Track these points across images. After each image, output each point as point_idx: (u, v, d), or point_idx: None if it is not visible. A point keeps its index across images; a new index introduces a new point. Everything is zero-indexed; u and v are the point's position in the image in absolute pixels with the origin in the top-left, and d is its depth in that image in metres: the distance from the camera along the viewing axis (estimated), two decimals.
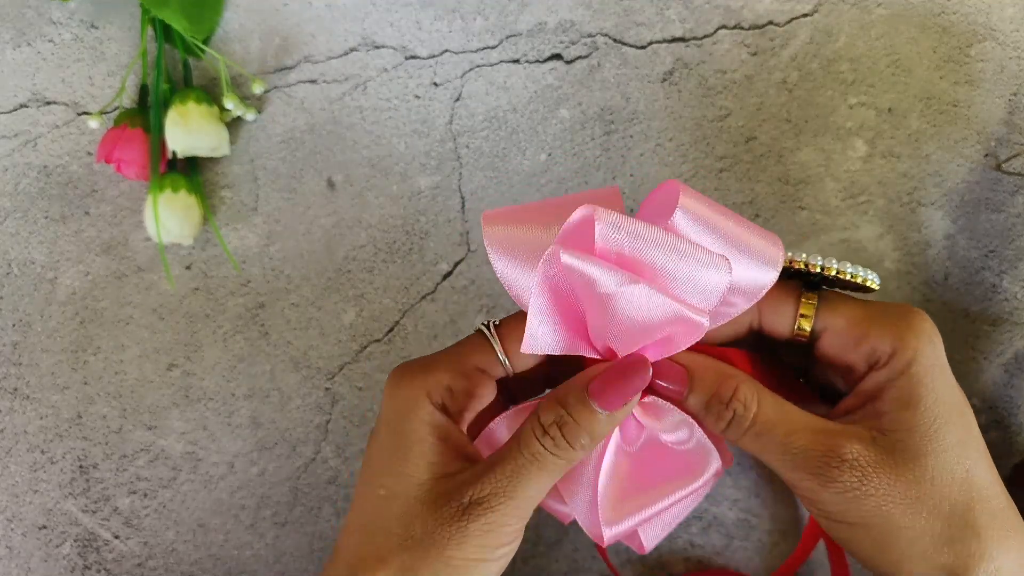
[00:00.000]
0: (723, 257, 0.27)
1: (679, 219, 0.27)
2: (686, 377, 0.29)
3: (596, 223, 0.26)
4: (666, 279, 0.27)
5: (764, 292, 0.29)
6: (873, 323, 0.29)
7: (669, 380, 0.29)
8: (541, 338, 0.29)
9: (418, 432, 0.30)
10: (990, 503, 0.28)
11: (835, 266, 0.30)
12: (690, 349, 0.30)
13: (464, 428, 0.32)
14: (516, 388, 0.33)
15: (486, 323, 0.32)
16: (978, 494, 0.28)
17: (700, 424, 0.30)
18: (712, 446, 0.31)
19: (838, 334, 0.30)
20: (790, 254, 0.31)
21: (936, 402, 0.28)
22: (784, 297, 0.31)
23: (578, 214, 0.26)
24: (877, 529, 0.27)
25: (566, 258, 0.26)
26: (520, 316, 0.31)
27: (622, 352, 0.29)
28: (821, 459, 0.28)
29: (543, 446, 0.28)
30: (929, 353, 0.29)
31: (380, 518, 0.29)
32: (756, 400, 0.29)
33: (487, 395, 0.32)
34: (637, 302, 0.26)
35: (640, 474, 0.32)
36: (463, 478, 0.29)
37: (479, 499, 0.28)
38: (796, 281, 0.32)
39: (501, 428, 0.32)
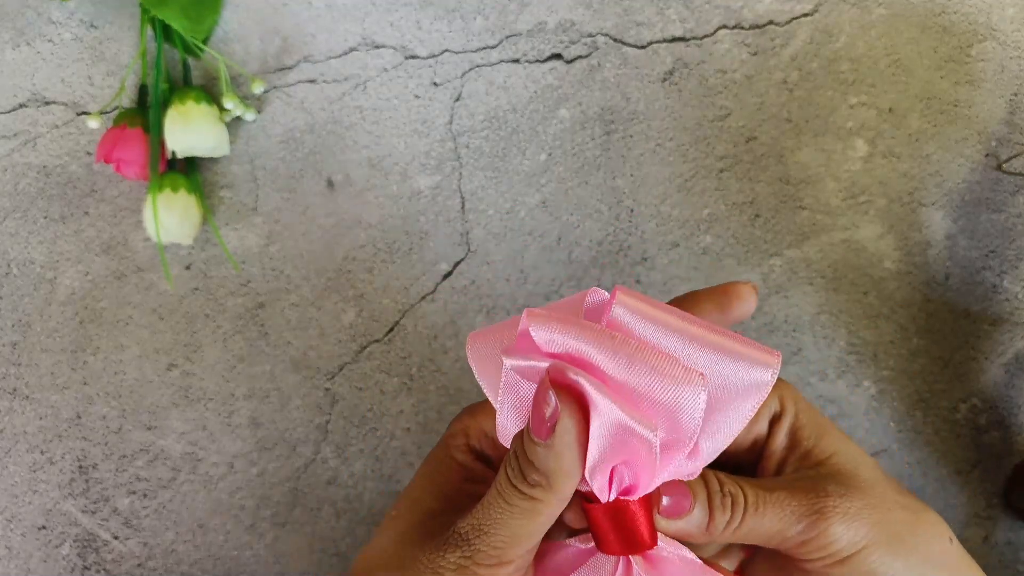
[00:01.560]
0: (694, 371, 0.24)
1: (618, 313, 0.25)
2: (687, 486, 0.29)
3: (530, 331, 0.24)
4: (620, 389, 0.24)
5: (758, 403, 0.26)
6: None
7: (678, 495, 0.29)
8: (512, 431, 0.28)
9: (449, 471, 0.31)
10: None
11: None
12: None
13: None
14: None
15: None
16: (893, 478, 0.31)
17: (700, 540, 0.30)
18: None
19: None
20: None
21: (828, 426, 0.31)
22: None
23: (522, 322, 0.25)
24: (880, 543, 0.29)
25: (508, 361, 0.25)
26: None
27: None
28: (811, 499, 0.29)
29: (508, 477, 0.28)
30: (798, 395, 0.32)
31: (384, 537, 0.31)
32: (735, 482, 0.30)
33: None
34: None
35: None
36: (461, 514, 0.29)
37: (456, 532, 0.28)
38: None
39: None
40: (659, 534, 0.28)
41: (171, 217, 0.45)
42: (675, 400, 0.24)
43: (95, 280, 0.48)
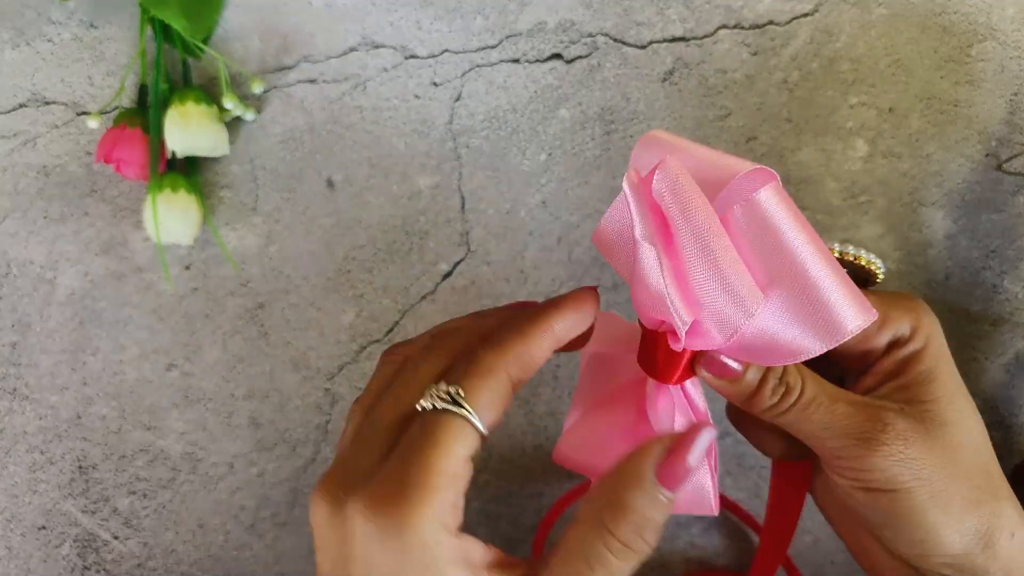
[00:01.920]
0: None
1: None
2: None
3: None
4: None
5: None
6: (891, 307, 0.31)
7: (725, 365, 0.29)
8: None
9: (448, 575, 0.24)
10: (997, 466, 0.32)
11: (838, 247, 0.31)
12: None
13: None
14: None
15: (448, 396, 0.25)
16: (990, 457, 0.31)
17: (745, 405, 0.30)
18: (711, 491, 0.31)
19: None
20: None
21: (950, 375, 0.31)
22: None
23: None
24: (916, 495, 0.29)
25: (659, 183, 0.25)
26: (485, 375, 0.26)
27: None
28: (867, 425, 0.29)
29: (621, 561, 0.25)
30: (939, 334, 0.32)
31: None
32: (801, 377, 0.30)
33: (470, 475, 0.26)
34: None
35: None
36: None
37: None
38: None
39: None
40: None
41: (171, 217, 0.45)
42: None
43: (95, 280, 0.48)
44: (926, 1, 0.48)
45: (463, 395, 0.25)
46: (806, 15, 0.48)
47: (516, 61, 0.48)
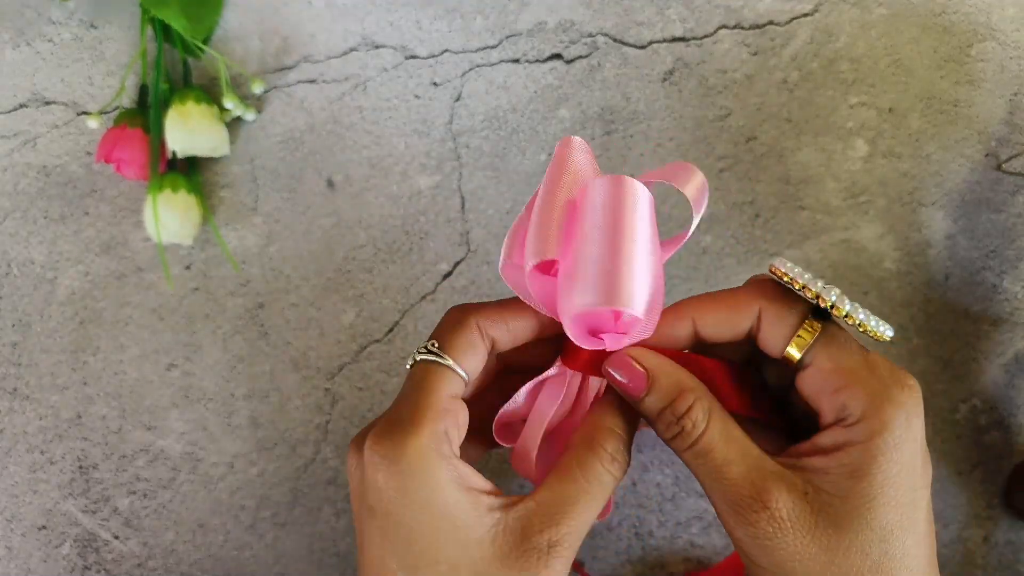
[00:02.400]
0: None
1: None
2: (646, 379, 0.30)
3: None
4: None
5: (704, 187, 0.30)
6: (856, 379, 0.28)
7: (630, 378, 0.30)
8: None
9: (449, 493, 0.28)
10: None
11: (847, 308, 0.29)
12: (670, 354, 0.31)
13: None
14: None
15: (425, 348, 0.30)
16: None
17: (650, 425, 0.31)
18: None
19: (820, 374, 0.29)
20: (807, 276, 0.30)
21: (882, 482, 0.27)
22: (787, 315, 0.30)
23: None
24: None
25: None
26: (458, 332, 0.30)
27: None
28: (746, 498, 0.28)
29: (612, 474, 0.29)
30: (898, 432, 0.28)
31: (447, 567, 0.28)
32: (707, 421, 0.29)
33: (465, 417, 0.31)
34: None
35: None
36: (529, 521, 0.28)
37: (557, 541, 0.28)
38: (807, 306, 0.31)
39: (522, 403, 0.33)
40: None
41: (171, 217, 0.45)
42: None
43: (95, 280, 0.48)
44: (926, 1, 0.48)
45: (437, 345, 0.30)
46: (806, 15, 0.48)
47: (516, 61, 0.48)
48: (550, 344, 0.32)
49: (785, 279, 0.30)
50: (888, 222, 0.47)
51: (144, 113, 0.47)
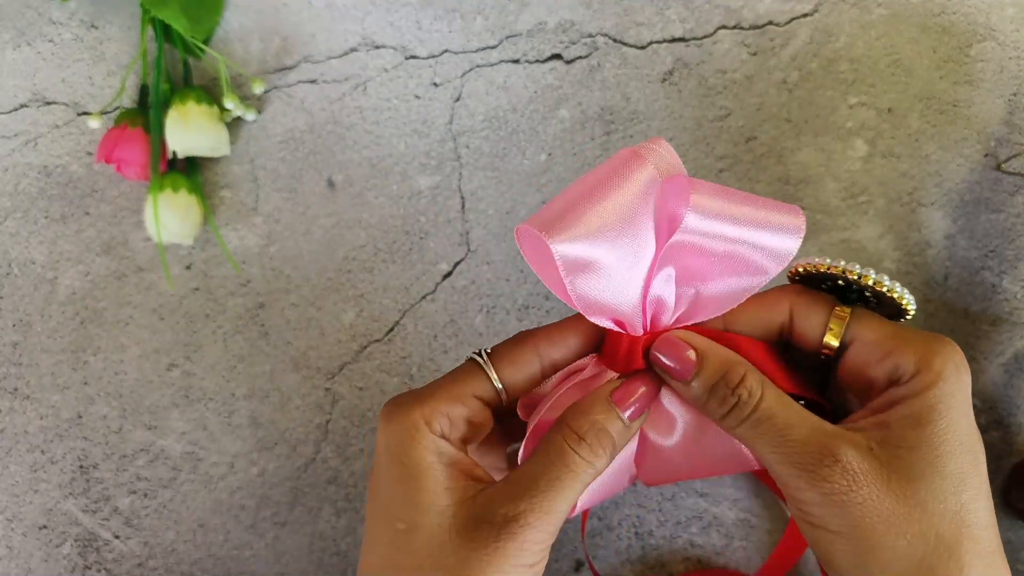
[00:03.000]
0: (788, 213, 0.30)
1: (691, 220, 0.28)
2: (693, 360, 0.30)
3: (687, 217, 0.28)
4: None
5: (791, 256, 0.29)
6: (902, 341, 0.29)
7: (679, 360, 0.29)
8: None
9: (425, 460, 0.29)
10: (980, 544, 0.27)
11: (874, 276, 0.30)
12: (712, 334, 0.31)
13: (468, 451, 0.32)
14: (508, 418, 0.33)
15: (478, 351, 0.32)
16: (968, 531, 0.27)
17: (700, 408, 0.30)
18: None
19: (866, 347, 0.30)
20: (829, 260, 0.31)
21: (945, 429, 0.27)
22: (817, 306, 0.31)
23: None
24: (857, 541, 0.27)
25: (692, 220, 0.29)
26: (511, 344, 0.32)
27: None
28: (815, 455, 0.27)
29: (579, 455, 0.29)
30: (952, 381, 0.28)
31: (405, 553, 0.28)
32: (761, 389, 0.29)
33: (486, 423, 0.31)
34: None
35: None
36: (491, 497, 0.29)
37: (513, 516, 0.28)
38: (832, 296, 0.32)
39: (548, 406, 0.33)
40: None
41: (171, 217, 0.46)
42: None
43: (95, 280, 0.48)
44: (925, 1, 0.48)
45: (488, 352, 0.32)
46: (805, 15, 0.48)
47: (516, 61, 0.48)
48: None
49: (810, 268, 0.31)
50: (887, 222, 0.47)
51: (145, 113, 0.47)
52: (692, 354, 0.30)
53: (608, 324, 0.30)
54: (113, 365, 0.48)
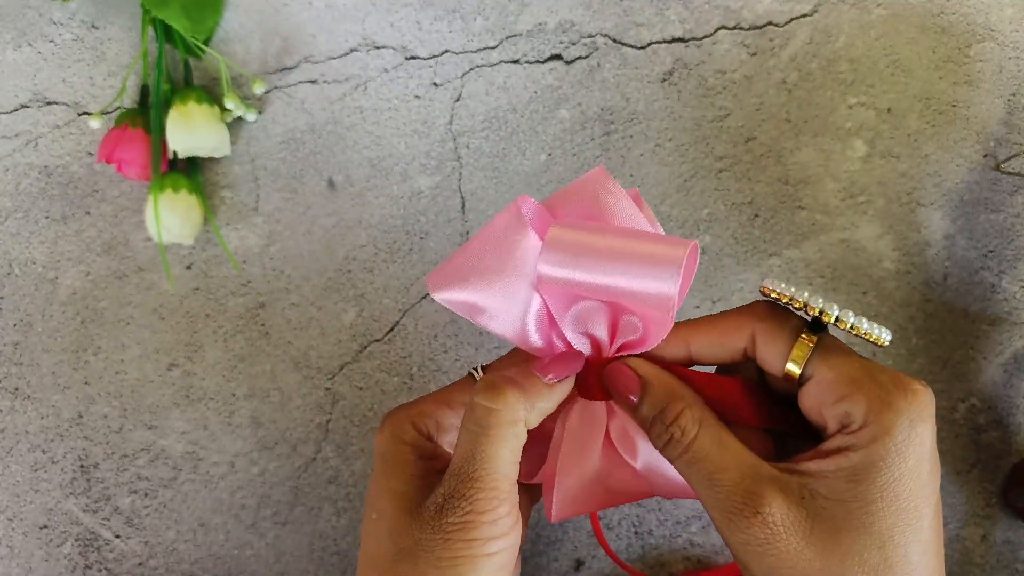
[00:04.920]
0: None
1: (547, 257, 0.29)
2: (639, 386, 0.30)
3: (539, 267, 0.30)
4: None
5: (668, 292, 0.28)
6: (858, 387, 0.28)
7: (623, 386, 0.30)
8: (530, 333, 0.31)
9: (402, 453, 0.31)
10: None
11: (835, 312, 0.29)
12: (682, 372, 0.31)
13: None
14: None
15: (474, 367, 0.34)
16: None
17: (648, 437, 0.31)
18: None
19: (820, 385, 0.29)
20: (792, 290, 0.30)
21: (883, 486, 0.26)
22: (780, 332, 0.30)
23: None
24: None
25: (544, 269, 0.29)
26: (505, 358, 0.33)
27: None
28: (738, 503, 0.27)
29: (488, 407, 0.29)
30: (901, 437, 0.27)
31: (376, 541, 0.30)
32: (696, 428, 0.29)
33: None
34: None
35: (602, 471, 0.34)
36: (436, 482, 0.30)
37: (449, 492, 0.28)
38: (800, 321, 0.30)
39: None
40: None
41: (172, 217, 0.46)
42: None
43: (96, 280, 0.48)
44: (925, 2, 0.48)
45: (483, 367, 0.33)
46: (805, 16, 0.48)
47: (516, 62, 0.48)
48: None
49: (773, 295, 0.30)
50: (887, 222, 0.47)
51: (145, 113, 0.47)
52: (635, 384, 0.30)
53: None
54: (114, 365, 0.48)
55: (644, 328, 0.30)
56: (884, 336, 0.29)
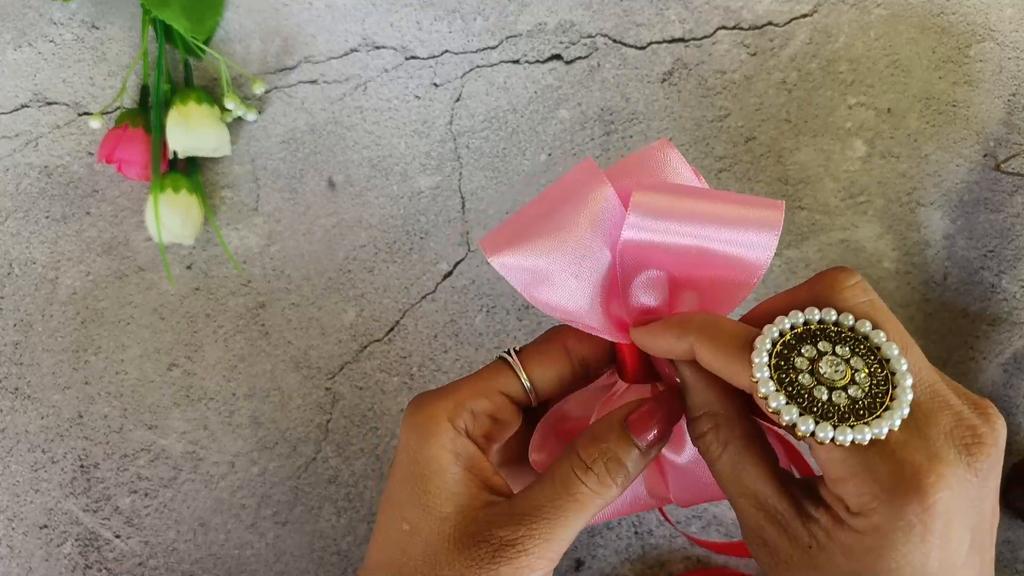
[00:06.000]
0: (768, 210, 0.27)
1: (633, 219, 0.27)
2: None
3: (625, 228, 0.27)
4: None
5: (768, 250, 0.27)
6: (856, 475, 0.24)
7: (670, 376, 0.29)
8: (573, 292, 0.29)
9: (440, 460, 0.28)
10: None
11: (808, 431, 0.24)
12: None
13: (492, 456, 0.31)
14: (537, 419, 0.33)
15: (507, 350, 0.31)
16: None
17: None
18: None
19: (824, 456, 0.25)
20: (782, 402, 0.25)
21: (895, 569, 0.23)
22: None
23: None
24: None
25: (630, 233, 0.27)
26: (540, 342, 0.31)
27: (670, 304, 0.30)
28: (751, 529, 0.27)
29: (587, 485, 0.28)
30: (901, 538, 0.23)
31: (404, 555, 0.28)
32: (720, 451, 0.28)
33: (512, 420, 0.30)
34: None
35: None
36: (493, 516, 0.28)
37: (511, 541, 0.27)
38: None
39: (573, 406, 0.32)
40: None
41: (172, 217, 0.46)
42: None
43: (96, 280, 0.48)
44: (924, 2, 0.48)
45: (516, 350, 0.31)
46: (805, 16, 0.48)
47: (516, 62, 0.49)
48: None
49: (767, 409, 0.25)
50: (886, 222, 0.47)
51: (145, 113, 0.47)
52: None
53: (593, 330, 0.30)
54: (114, 365, 0.48)
55: (703, 305, 0.29)
56: (820, 435, 0.24)
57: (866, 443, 0.23)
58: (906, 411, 0.23)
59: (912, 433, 0.24)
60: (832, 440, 0.23)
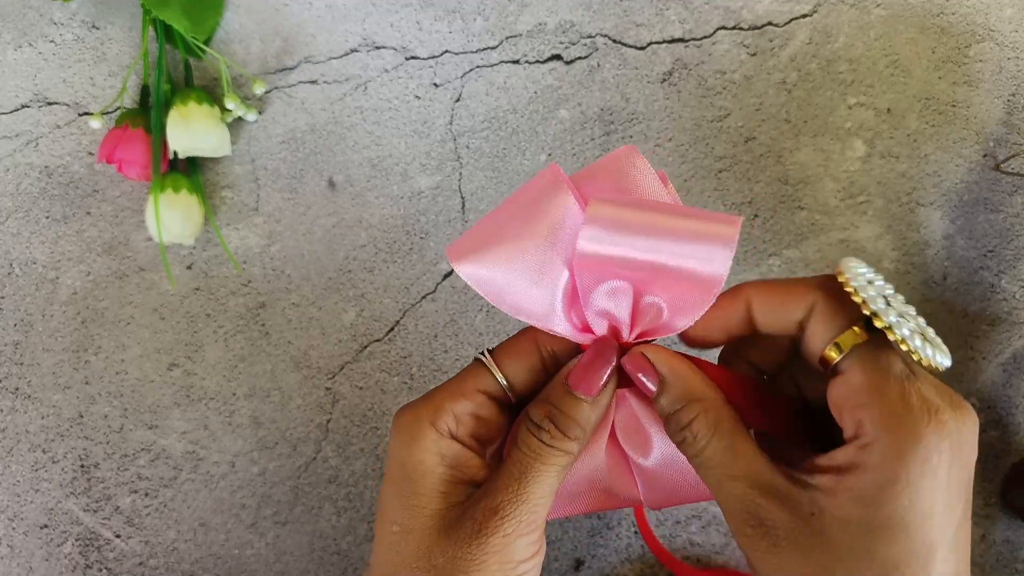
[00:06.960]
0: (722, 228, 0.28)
1: (588, 232, 0.28)
2: (658, 379, 0.30)
3: (580, 241, 0.28)
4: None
5: (722, 267, 0.27)
6: (880, 398, 0.26)
7: (645, 374, 0.30)
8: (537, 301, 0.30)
9: (425, 463, 0.30)
10: None
11: (902, 333, 0.25)
12: (696, 362, 0.30)
13: (487, 457, 0.32)
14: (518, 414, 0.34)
15: (482, 351, 0.33)
16: None
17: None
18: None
19: (848, 385, 0.27)
20: (867, 276, 0.27)
21: (892, 515, 0.25)
22: (838, 315, 0.28)
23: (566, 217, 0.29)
24: None
25: (586, 245, 0.28)
26: (512, 339, 0.32)
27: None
28: (743, 516, 0.27)
29: (542, 442, 0.29)
30: (916, 468, 0.25)
31: (399, 556, 0.29)
32: (710, 435, 0.28)
33: (493, 418, 0.32)
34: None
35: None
36: (475, 497, 0.30)
37: (491, 510, 0.28)
38: (861, 311, 0.28)
39: None
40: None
41: (173, 217, 0.46)
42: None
43: (97, 280, 0.48)
44: (924, 2, 0.48)
45: (490, 351, 0.32)
46: (804, 16, 0.48)
47: (516, 62, 0.49)
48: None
49: (840, 279, 0.27)
50: (886, 222, 0.47)
51: (146, 113, 0.47)
52: (654, 377, 0.30)
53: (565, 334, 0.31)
54: (114, 365, 0.48)
55: (670, 311, 0.29)
56: (939, 360, 0.26)
57: (940, 367, 0.26)
58: (945, 363, 0.26)
59: (922, 380, 0.27)
60: (909, 343, 0.26)
